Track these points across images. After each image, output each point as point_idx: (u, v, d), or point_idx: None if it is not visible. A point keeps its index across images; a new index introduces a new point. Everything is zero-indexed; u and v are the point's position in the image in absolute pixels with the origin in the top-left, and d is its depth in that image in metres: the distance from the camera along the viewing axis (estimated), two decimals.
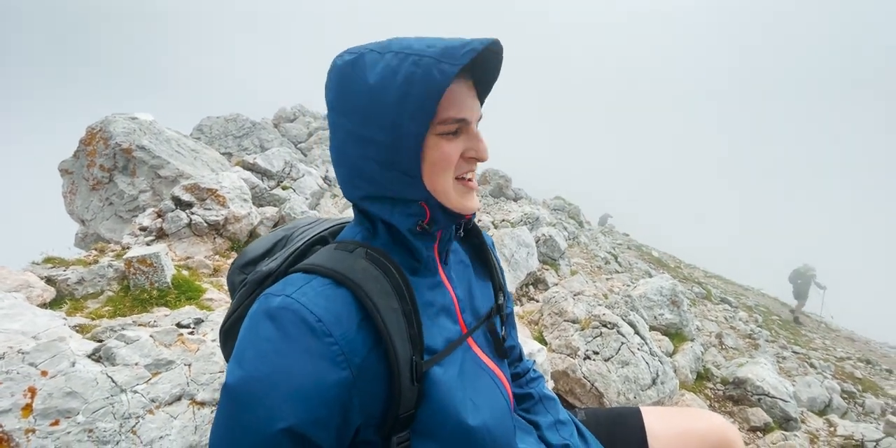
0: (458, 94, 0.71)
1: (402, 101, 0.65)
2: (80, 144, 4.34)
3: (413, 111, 0.65)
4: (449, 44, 0.66)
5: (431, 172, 0.71)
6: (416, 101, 0.65)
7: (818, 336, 9.36)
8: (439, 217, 0.76)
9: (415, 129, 0.67)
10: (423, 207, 0.74)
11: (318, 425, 0.61)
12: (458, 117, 0.70)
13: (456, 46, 0.65)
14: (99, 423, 1.07)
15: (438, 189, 0.73)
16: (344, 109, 0.70)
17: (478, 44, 0.66)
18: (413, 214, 0.74)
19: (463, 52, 0.65)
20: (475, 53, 0.65)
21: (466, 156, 0.74)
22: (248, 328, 0.65)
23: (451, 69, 0.64)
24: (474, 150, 0.74)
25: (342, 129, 0.72)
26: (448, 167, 0.72)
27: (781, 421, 3.09)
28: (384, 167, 0.70)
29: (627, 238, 15.31)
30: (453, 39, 0.68)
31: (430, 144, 0.70)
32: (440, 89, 0.64)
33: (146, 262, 2.33)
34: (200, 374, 1.26)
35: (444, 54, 0.65)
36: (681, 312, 3.94)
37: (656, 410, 1.15)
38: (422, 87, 0.64)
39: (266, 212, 3.77)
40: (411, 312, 0.71)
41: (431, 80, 0.64)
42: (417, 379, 0.68)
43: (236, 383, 0.61)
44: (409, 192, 0.72)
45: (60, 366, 1.10)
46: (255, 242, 0.97)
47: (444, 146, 0.71)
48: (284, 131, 9.65)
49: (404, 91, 0.65)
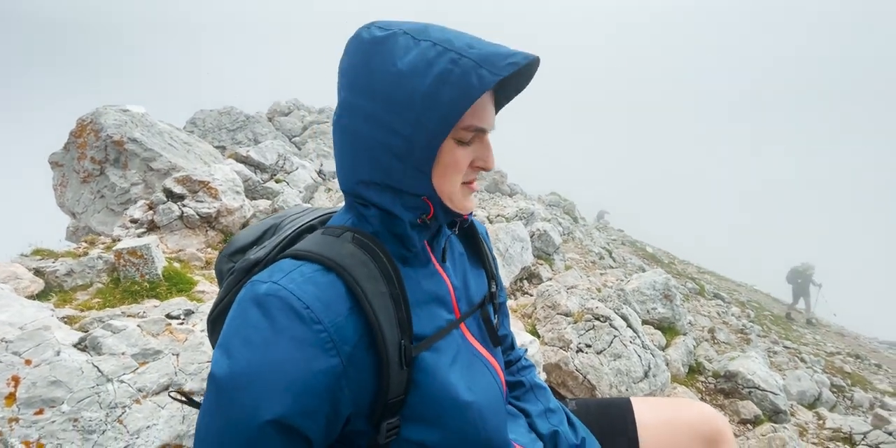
0: (483, 103, 0.70)
1: (433, 98, 0.63)
2: (71, 136, 4.28)
3: (442, 112, 0.63)
4: (492, 50, 0.64)
5: (442, 174, 0.70)
6: (447, 103, 0.63)
7: (809, 331, 9.46)
8: (440, 214, 0.76)
9: (438, 130, 0.65)
10: (427, 203, 0.73)
11: (307, 415, 0.60)
12: (480, 126, 0.69)
13: (499, 55, 0.63)
14: (84, 412, 1.06)
15: (444, 190, 0.72)
16: (363, 89, 0.67)
17: (521, 58, 0.64)
18: (415, 208, 0.73)
19: (505, 63, 0.63)
20: (516, 68, 0.63)
21: (475, 165, 0.74)
22: (235, 316, 0.64)
23: (491, 77, 0.62)
24: (483, 159, 0.74)
25: (358, 109, 0.68)
26: (457, 172, 0.71)
27: (771, 413, 3.13)
28: (398, 158, 0.68)
29: (622, 234, 15.37)
30: (495, 46, 0.66)
31: (445, 148, 0.69)
32: (475, 95, 0.62)
33: (136, 254, 2.31)
34: (189, 363, 1.25)
35: (486, 61, 0.62)
36: (673, 307, 3.96)
37: (646, 400, 1.15)
38: (456, 89, 0.62)
39: (259, 205, 3.75)
40: (399, 296, 0.70)
41: (468, 84, 0.62)
42: (406, 363, 0.67)
43: (222, 372, 0.60)
44: (416, 187, 0.71)
45: (45, 355, 1.08)
46: (244, 231, 0.96)
47: (457, 152, 0.70)
48: (279, 125, 9.58)
49: (436, 88, 0.62)
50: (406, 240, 0.76)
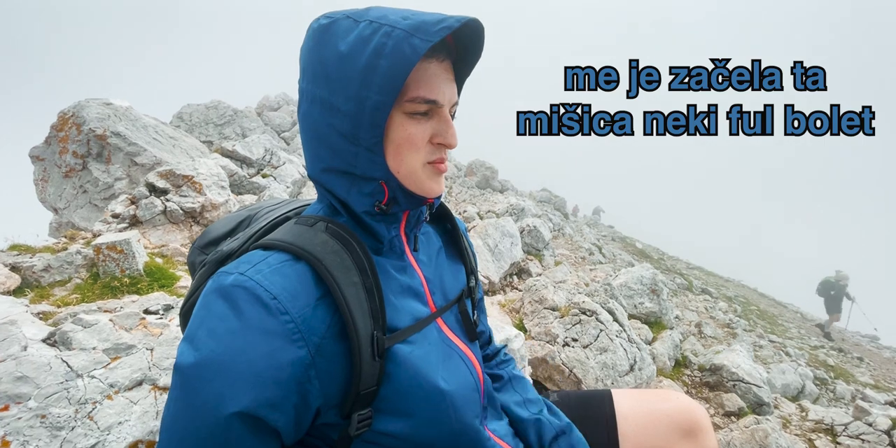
0: (431, 74, 0.68)
1: (369, 72, 0.62)
2: (52, 130, 4.20)
3: (379, 83, 0.63)
4: (425, 18, 0.64)
5: (395, 152, 0.69)
6: (383, 74, 0.62)
7: (794, 326, 9.61)
8: (400, 198, 0.73)
9: (378, 101, 0.64)
10: (383, 187, 0.71)
11: (273, 407, 0.59)
12: (429, 98, 0.67)
13: (431, 22, 0.63)
14: (52, 408, 1.03)
15: (402, 170, 0.70)
16: (314, 75, 0.68)
17: (454, 21, 0.63)
18: (370, 194, 0.71)
19: (437, 28, 0.62)
20: (449, 31, 0.62)
21: (435, 141, 0.71)
22: (201, 307, 0.62)
23: (423, 45, 0.61)
24: (442, 135, 0.71)
25: (310, 94, 0.69)
26: (413, 149, 0.69)
27: (755, 406, 3.17)
28: (347, 139, 0.67)
29: (612, 230, 15.47)
30: (431, 14, 0.65)
31: (395, 123, 0.67)
32: (409, 64, 0.62)
33: (116, 249, 2.27)
34: (163, 358, 1.23)
35: (418, 29, 0.62)
36: (660, 301, 3.99)
37: (626, 392, 1.15)
38: (389, 59, 0.62)
39: (245, 200, 3.70)
40: (373, 287, 0.68)
41: (400, 53, 0.61)
42: (379, 354, 0.65)
43: (186, 364, 0.58)
44: (370, 170, 0.69)
45: (10, 350, 1.05)
46: (217, 222, 0.94)
47: (409, 127, 0.68)
48: (268, 120, 9.47)
49: (372, 62, 0.62)
50: (371, 230, 0.75)
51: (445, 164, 0.75)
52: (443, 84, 0.70)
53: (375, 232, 0.75)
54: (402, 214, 0.77)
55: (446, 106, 0.71)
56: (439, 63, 0.69)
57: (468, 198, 8.76)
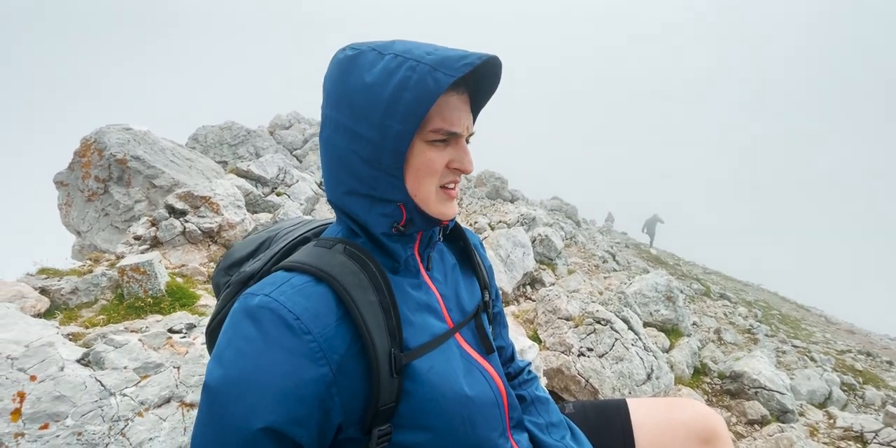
0: (452, 107, 0.72)
1: (394, 102, 0.67)
2: (75, 156, 4.36)
3: (403, 114, 0.67)
4: (448, 54, 0.68)
5: (415, 177, 0.73)
6: (406, 105, 0.67)
7: (819, 330, 9.36)
8: (417, 220, 0.77)
9: (401, 131, 0.68)
10: (401, 209, 0.75)
11: (298, 423, 0.62)
12: (449, 130, 0.72)
13: (454, 57, 0.67)
14: (88, 426, 1.08)
15: (419, 194, 0.74)
16: (338, 103, 0.72)
17: (476, 58, 0.68)
18: (389, 215, 0.75)
19: (460, 64, 0.67)
20: (472, 68, 0.67)
21: (451, 166, 0.75)
22: (228, 328, 0.66)
23: (446, 79, 0.66)
24: (459, 161, 0.75)
25: (334, 121, 0.73)
26: (431, 174, 0.73)
27: (779, 413, 3.10)
28: (369, 164, 0.72)
29: (625, 236, 15.32)
30: (454, 50, 0.70)
31: (416, 150, 0.72)
32: (432, 97, 0.66)
33: (139, 270, 2.35)
34: (189, 376, 1.27)
35: (442, 64, 0.66)
36: (676, 308, 3.95)
37: (642, 401, 1.15)
38: (414, 92, 0.66)
39: (260, 218, 3.79)
40: (389, 306, 0.72)
41: (424, 87, 0.66)
42: (397, 371, 0.68)
43: (215, 382, 0.62)
44: (390, 193, 0.73)
45: (49, 370, 1.11)
46: (240, 244, 0.98)
47: (429, 153, 0.72)
48: (280, 138, 9.68)
49: (397, 94, 0.67)
50: (388, 250, 0.78)
51: (457, 189, 0.80)
52: (462, 115, 0.75)
53: (392, 252, 0.79)
54: (416, 235, 0.81)
55: (464, 136, 0.76)
56: (459, 96, 0.74)
57: (479, 208, 8.80)
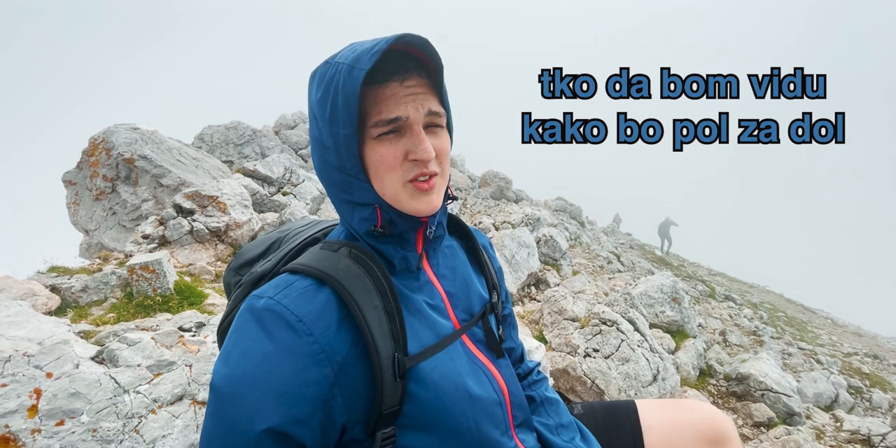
0: (388, 96, 0.70)
1: (333, 109, 0.68)
2: (83, 155, 4.40)
3: (342, 118, 0.68)
4: (364, 47, 0.67)
5: (376, 176, 0.72)
6: (340, 108, 0.68)
7: (825, 332, 9.31)
8: (396, 220, 0.75)
9: (346, 134, 0.69)
10: (377, 211, 0.75)
11: (300, 424, 0.63)
12: (388, 118, 0.69)
13: (365, 50, 0.66)
14: (103, 422, 1.10)
15: (387, 193, 0.73)
16: (311, 118, 0.76)
17: (383, 43, 0.65)
18: (367, 219, 0.76)
19: (368, 56, 0.66)
20: (380, 55, 0.66)
21: (409, 158, 0.71)
22: (235, 329, 0.68)
23: (359, 74, 0.65)
24: (413, 150, 0.70)
25: (312, 135, 0.76)
26: (389, 170, 0.71)
27: (785, 416, 3.09)
28: (339, 171, 0.74)
29: (630, 237, 15.29)
30: (371, 41, 0.69)
31: (368, 148, 0.71)
32: (353, 95, 0.66)
33: (148, 269, 2.37)
34: (201, 374, 1.29)
35: (357, 60, 0.66)
36: (682, 309, 3.94)
37: (651, 403, 1.15)
38: (343, 94, 0.67)
39: (267, 217, 3.81)
40: (394, 310, 0.72)
41: (347, 86, 0.66)
42: (400, 375, 0.69)
43: (221, 382, 0.63)
44: (363, 196, 0.74)
45: (65, 368, 1.12)
46: (250, 244, 0.99)
47: (380, 149, 0.70)
48: (285, 138, 9.71)
49: (334, 99, 0.68)
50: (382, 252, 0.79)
51: (431, 181, 0.74)
52: (403, 101, 0.70)
53: (384, 253, 0.79)
54: (412, 234, 0.80)
55: (417, 121, 0.71)
56: (400, 83, 0.70)
57: (483, 209, 8.80)
